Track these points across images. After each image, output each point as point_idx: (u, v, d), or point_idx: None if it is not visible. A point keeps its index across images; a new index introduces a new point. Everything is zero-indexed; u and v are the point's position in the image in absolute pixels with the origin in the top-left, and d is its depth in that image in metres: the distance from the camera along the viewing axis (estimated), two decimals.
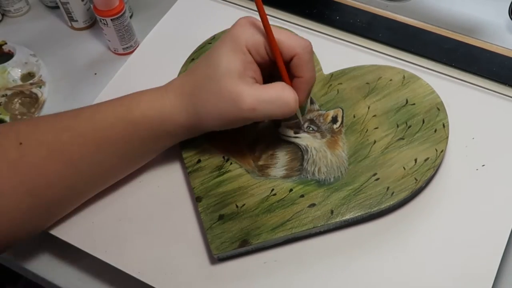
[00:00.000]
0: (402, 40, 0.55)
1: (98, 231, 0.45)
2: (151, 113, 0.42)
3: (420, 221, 0.44)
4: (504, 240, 0.43)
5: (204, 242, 0.44)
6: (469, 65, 0.53)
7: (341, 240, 0.44)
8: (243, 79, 0.40)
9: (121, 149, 0.43)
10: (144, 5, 0.68)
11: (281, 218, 0.43)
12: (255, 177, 0.45)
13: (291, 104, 0.41)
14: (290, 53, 0.42)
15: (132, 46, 0.63)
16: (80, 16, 0.65)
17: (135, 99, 0.44)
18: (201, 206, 0.44)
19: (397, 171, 0.44)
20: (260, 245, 0.43)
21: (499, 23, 0.59)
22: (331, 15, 0.57)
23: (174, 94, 0.43)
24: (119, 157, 0.44)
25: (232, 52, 0.41)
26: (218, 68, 0.41)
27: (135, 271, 0.43)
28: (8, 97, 0.59)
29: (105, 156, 0.43)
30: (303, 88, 0.43)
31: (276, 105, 0.40)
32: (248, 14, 0.58)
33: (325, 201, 0.44)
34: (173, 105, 0.43)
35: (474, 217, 0.44)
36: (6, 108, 0.58)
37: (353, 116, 0.48)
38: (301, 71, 0.42)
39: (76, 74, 0.62)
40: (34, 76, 0.61)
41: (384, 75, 0.50)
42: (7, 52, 0.63)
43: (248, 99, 0.40)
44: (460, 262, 0.42)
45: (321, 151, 0.46)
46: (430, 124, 0.47)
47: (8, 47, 0.63)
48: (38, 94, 0.60)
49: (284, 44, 0.41)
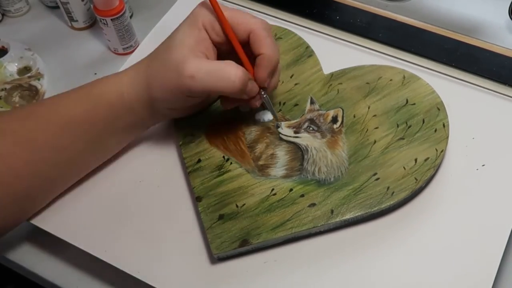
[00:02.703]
0: (402, 40, 0.55)
1: (98, 230, 0.45)
2: (109, 89, 0.44)
3: (420, 221, 0.44)
4: (504, 240, 0.43)
5: (204, 242, 0.44)
6: (469, 65, 0.53)
7: (341, 240, 0.44)
8: (193, 52, 0.42)
9: (84, 131, 0.44)
10: (144, 5, 0.68)
11: (281, 217, 0.43)
12: (255, 177, 0.45)
13: (231, 77, 0.41)
14: (245, 30, 0.43)
15: (132, 46, 0.63)
16: (80, 16, 0.65)
17: (96, 81, 0.45)
18: (201, 206, 0.44)
19: (397, 171, 0.44)
20: (260, 245, 0.43)
21: (499, 23, 0.59)
22: (331, 15, 0.57)
23: (133, 70, 0.45)
24: (84, 140, 0.44)
25: (187, 27, 0.43)
26: (172, 41, 0.43)
27: (135, 271, 0.43)
28: (7, 91, 0.59)
29: (70, 140, 0.44)
30: (263, 65, 0.43)
31: (216, 77, 0.41)
32: None
33: (325, 201, 0.44)
34: (130, 79, 0.44)
35: (474, 217, 0.44)
36: (6, 102, 0.59)
37: (353, 116, 0.48)
38: (259, 48, 0.43)
39: (76, 74, 0.62)
40: (31, 69, 0.62)
41: (384, 75, 0.50)
42: (1, 48, 0.63)
43: (189, 67, 0.41)
44: (460, 262, 0.42)
45: (321, 151, 0.46)
46: (430, 124, 0.47)
47: (2, 43, 0.63)
48: (37, 86, 0.60)
49: (238, 20, 0.43)
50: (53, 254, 0.49)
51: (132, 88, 0.44)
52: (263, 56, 0.43)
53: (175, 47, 0.42)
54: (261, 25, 0.43)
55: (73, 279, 0.47)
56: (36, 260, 0.48)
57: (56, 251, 0.48)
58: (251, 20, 0.43)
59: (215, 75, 0.41)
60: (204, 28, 0.43)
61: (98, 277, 0.47)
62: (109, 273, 0.46)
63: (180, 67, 0.41)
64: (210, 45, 0.43)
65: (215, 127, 0.48)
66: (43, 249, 0.49)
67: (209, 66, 0.41)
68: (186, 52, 0.41)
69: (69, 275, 0.48)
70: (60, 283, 0.48)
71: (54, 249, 0.49)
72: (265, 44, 0.42)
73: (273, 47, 0.43)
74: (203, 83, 0.41)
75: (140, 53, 0.57)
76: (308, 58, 0.52)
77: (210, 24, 0.43)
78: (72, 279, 0.48)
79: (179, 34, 0.43)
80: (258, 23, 0.43)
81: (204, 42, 0.43)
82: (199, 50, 0.42)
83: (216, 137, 0.48)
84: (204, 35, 0.43)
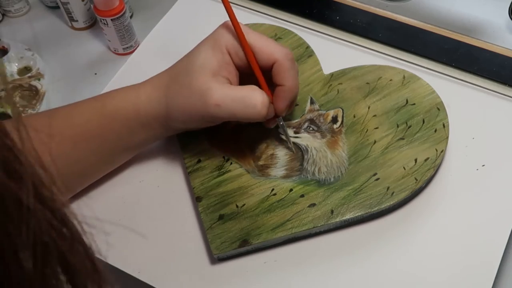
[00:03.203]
0: (402, 40, 0.55)
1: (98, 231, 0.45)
2: (125, 105, 0.43)
3: (420, 221, 0.44)
4: (504, 240, 0.43)
5: (204, 242, 0.44)
6: (469, 65, 0.53)
7: (341, 240, 0.44)
8: (216, 77, 0.41)
9: (98, 144, 0.44)
10: (144, 5, 0.68)
11: (281, 218, 0.43)
12: (255, 177, 0.45)
13: (257, 105, 0.40)
14: (269, 59, 0.41)
15: (132, 46, 0.63)
16: (80, 16, 0.65)
17: (110, 94, 0.44)
18: (201, 206, 0.44)
19: (397, 171, 0.44)
20: (260, 245, 0.43)
21: (499, 23, 0.59)
22: (331, 15, 0.57)
23: (151, 86, 0.43)
24: (97, 153, 0.44)
25: (210, 50, 0.41)
26: (194, 64, 0.41)
27: (135, 271, 0.43)
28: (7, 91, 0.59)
29: (82, 153, 0.43)
30: (283, 96, 0.42)
31: (242, 105, 0.40)
32: (248, 15, 0.58)
33: (325, 201, 0.44)
34: (148, 96, 0.43)
35: (474, 217, 0.44)
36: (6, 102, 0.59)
37: (353, 116, 0.48)
38: (281, 79, 0.42)
39: (76, 74, 0.62)
40: (31, 69, 0.62)
41: (384, 75, 0.50)
42: (1, 48, 0.63)
43: (215, 94, 0.40)
44: (460, 262, 0.42)
45: (321, 151, 0.46)
46: (430, 124, 0.47)
47: (2, 43, 0.63)
48: (37, 86, 0.60)
49: (262, 49, 0.41)
50: None
51: (150, 106, 0.43)
52: (284, 88, 0.42)
53: (198, 72, 0.41)
54: (286, 56, 0.41)
55: None
56: None
57: None
58: (275, 49, 0.41)
59: (241, 102, 0.40)
60: (228, 52, 0.42)
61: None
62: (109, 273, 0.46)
63: (205, 95, 0.40)
64: (233, 69, 0.42)
65: (215, 127, 0.48)
66: None
67: (235, 94, 0.40)
68: (209, 78, 0.40)
69: None
70: None
71: None
72: (288, 76, 0.41)
73: (296, 80, 0.42)
74: (229, 111, 0.40)
75: (140, 53, 0.57)
76: (308, 58, 0.52)
77: (234, 48, 0.41)
78: None
79: (201, 57, 0.41)
80: (283, 53, 0.41)
81: (228, 66, 0.42)
82: (222, 75, 0.41)
83: (216, 137, 0.47)
84: (228, 59, 0.42)
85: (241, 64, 0.42)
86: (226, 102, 0.40)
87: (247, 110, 0.40)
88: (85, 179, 0.45)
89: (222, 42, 0.41)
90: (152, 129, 0.44)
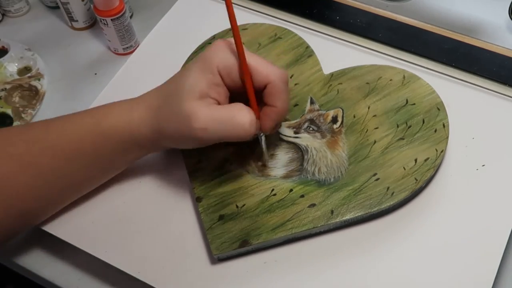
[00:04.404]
0: (402, 40, 0.55)
1: (98, 231, 0.45)
2: (120, 125, 0.43)
3: (420, 221, 0.44)
4: (504, 240, 0.43)
5: (204, 242, 0.44)
6: (469, 65, 0.53)
7: (341, 240, 0.44)
8: (203, 99, 0.40)
9: (91, 161, 0.44)
10: (144, 5, 0.68)
11: (281, 218, 0.43)
12: (255, 177, 0.45)
13: (245, 126, 0.39)
14: (263, 80, 0.41)
15: (132, 46, 0.63)
16: (80, 16, 0.65)
17: (105, 111, 0.44)
18: (201, 206, 0.44)
19: (397, 171, 0.44)
20: (260, 245, 0.43)
21: (499, 23, 0.59)
22: (331, 15, 0.57)
23: (144, 107, 0.43)
24: (89, 168, 0.44)
25: (200, 72, 0.40)
26: (183, 86, 0.40)
27: (135, 271, 0.43)
28: (7, 91, 0.60)
29: (75, 168, 0.43)
30: (273, 118, 0.41)
31: (229, 126, 0.39)
32: (248, 15, 0.58)
33: (325, 201, 0.44)
34: (141, 118, 0.42)
35: (474, 217, 0.44)
36: (6, 102, 0.59)
37: (353, 116, 0.48)
38: (273, 100, 0.41)
39: (76, 74, 0.62)
40: (31, 70, 0.62)
41: (384, 75, 0.50)
42: (1, 48, 0.63)
43: (200, 118, 0.39)
44: (460, 262, 0.42)
45: (321, 151, 0.46)
46: (430, 124, 0.47)
47: (2, 43, 0.63)
48: (37, 86, 0.60)
49: (258, 70, 0.40)
50: (53, 254, 0.49)
51: (144, 126, 0.42)
52: (275, 109, 0.41)
53: (185, 95, 0.40)
54: (281, 78, 0.41)
55: (73, 279, 0.48)
56: (36, 260, 0.48)
57: (56, 251, 0.49)
58: (272, 71, 0.41)
59: (229, 124, 0.39)
60: (219, 73, 0.40)
61: (98, 277, 0.47)
62: (109, 273, 0.46)
63: (191, 119, 0.39)
64: (223, 90, 0.41)
65: None
66: (43, 249, 0.49)
67: (222, 115, 0.39)
68: (196, 101, 0.39)
69: (69, 275, 0.48)
70: (60, 283, 0.48)
71: (54, 249, 0.49)
72: (280, 98, 0.41)
73: (286, 102, 0.41)
74: (216, 134, 0.40)
75: (140, 53, 0.57)
76: (308, 58, 0.52)
77: (226, 69, 0.40)
78: (72, 279, 0.48)
79: (189, 80, 0.40)
80: (278, 75, 0.41)
81: (217, 87, 0.41)
82: (211, 96, 0.40)
83: None
84: (218, 80, 0.40)
85: (232, 85, 0.41)
86: (213, 125, 0.39)
87: (235, 130, 0.40)
88: (78, 191, 0.46)
89: (214, 62, 0.40)
90: (145, 148, 0.45)
